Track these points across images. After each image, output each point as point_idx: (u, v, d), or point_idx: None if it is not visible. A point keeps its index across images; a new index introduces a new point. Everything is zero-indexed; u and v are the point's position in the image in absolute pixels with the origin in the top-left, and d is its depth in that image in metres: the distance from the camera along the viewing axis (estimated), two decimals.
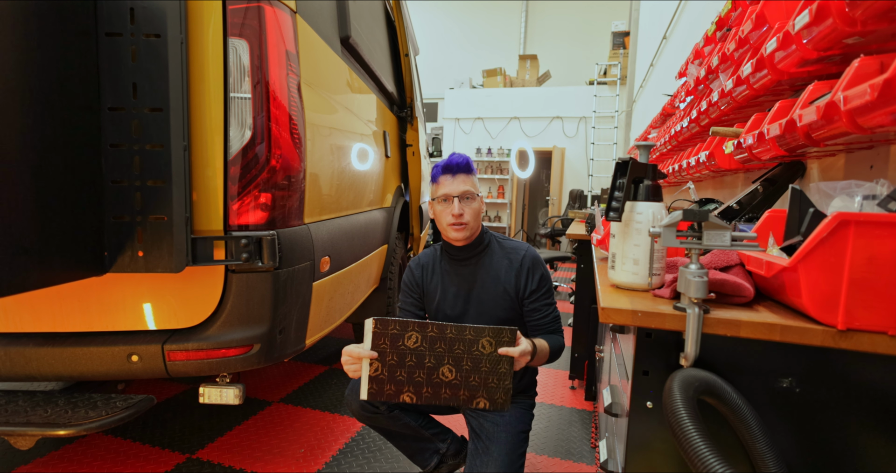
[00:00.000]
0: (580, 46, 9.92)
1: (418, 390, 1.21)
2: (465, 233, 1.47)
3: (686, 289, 0.77)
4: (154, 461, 1.84)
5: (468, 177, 1.48)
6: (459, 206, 1.45)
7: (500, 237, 1.59)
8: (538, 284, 1.50)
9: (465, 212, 1.46)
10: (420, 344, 1.21)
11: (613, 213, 0.97)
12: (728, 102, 1.48)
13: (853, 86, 0.75)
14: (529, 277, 1.50)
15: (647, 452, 0.86)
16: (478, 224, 1.52)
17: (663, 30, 4.76)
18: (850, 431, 0.74)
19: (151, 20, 1.18)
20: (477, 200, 1.49)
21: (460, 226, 1.46)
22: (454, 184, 1.46)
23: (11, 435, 1.26)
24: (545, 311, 1.51)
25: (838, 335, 0.70)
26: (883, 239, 0.66)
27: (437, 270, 1.58)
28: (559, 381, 2.77)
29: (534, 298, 1.50)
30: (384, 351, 1.20)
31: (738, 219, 1.29)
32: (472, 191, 1.47)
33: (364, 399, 1.20)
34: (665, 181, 2.65)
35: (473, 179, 1.50)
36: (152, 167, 1.21)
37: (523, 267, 1.50)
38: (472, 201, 1.47)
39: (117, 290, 1.35)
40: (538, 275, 1.50)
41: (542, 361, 1.45)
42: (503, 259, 1.52)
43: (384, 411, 1.49)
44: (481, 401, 1.21)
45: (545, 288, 1.52)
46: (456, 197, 1.45)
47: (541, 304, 1.51)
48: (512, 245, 1.56)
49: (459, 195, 1.45)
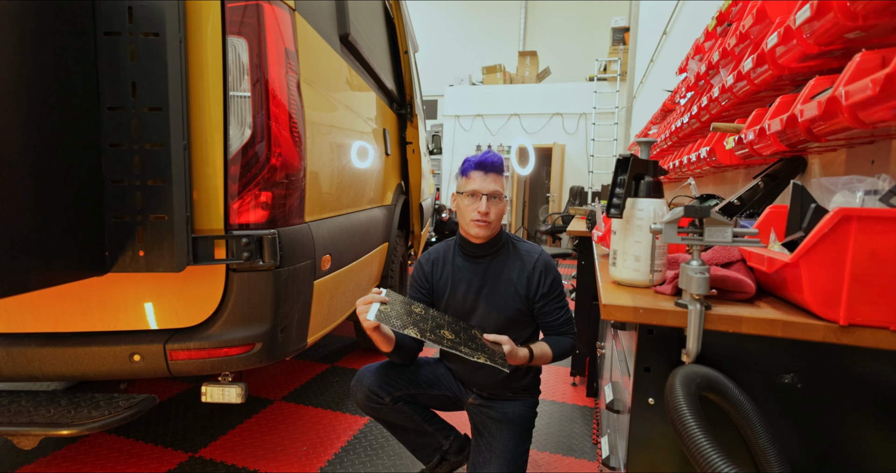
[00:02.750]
0: (580, 42, 9.90)
1: (422, 330, 1.25)
2: (486, 231, 1.47)
3: (688, 286, 0.77)
4: (157, 460, 1.84)
5: (499, 177, 1.49)
6: (487, 205, 1.45)
7: (515, 238, 1.60)
8: (549, 288, 1.50)
9: (492, 211, 1.46)
10: (425, 312, 1.36)
11: (615, 210, 0.97)
12: (729, 98, 1.48)
13: (855, 81, 0.75)
14: (542, 280, 1.50)
15: (649, 448, 0.86)
16: (499, 224, 1.52)
17: (663, 25, 4.74)
18: (852, 426, 0.74)
19: (150, 19, 1.18)
20: (504, 201, 1.50)
21: (484, 223, 1.46)
22: (485, 182, 1.46)
23: (15, 435, 1.26)
24: (556, 315, 1.52)
25: (840, 330, 0.70)
26: (885, 235, 0.65)
27: (448, 265, 1.58)
28: (560, 378, 2.78)
29: (544, 302, 1.50)
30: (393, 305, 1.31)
31: (739, 214, 1.29)
32: (501, 191, 1.48)
33: (372, 319, 1.23)
34: (665, 177, 2.64)
35: (503, 180, 1.51)
36: (152, 166, 1.21)
37: (535, 270, 1.50)
38: (499, 201, 1.48)
39: (118, 290, 1.35)
40: (550, 279, 1.51)
41: (543, 362, 1.47)
42: (517, 260, 1.53)
43: (389, 402, 1.50)
44: (481, 357, 1.24)
45: (557, 291, 1.52)
46: (485, 194, 1.45)
47: (552, 308, 1.51)
48: (526, 247, 1.56)
49: (489, 193, 1.45)
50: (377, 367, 1.55)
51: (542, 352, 1.45)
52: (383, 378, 1.51)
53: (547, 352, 1.46)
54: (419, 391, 1.55)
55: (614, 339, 1.41)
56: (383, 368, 1.55)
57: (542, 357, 1.45)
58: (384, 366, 1.56)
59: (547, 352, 1.46)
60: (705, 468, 0.63)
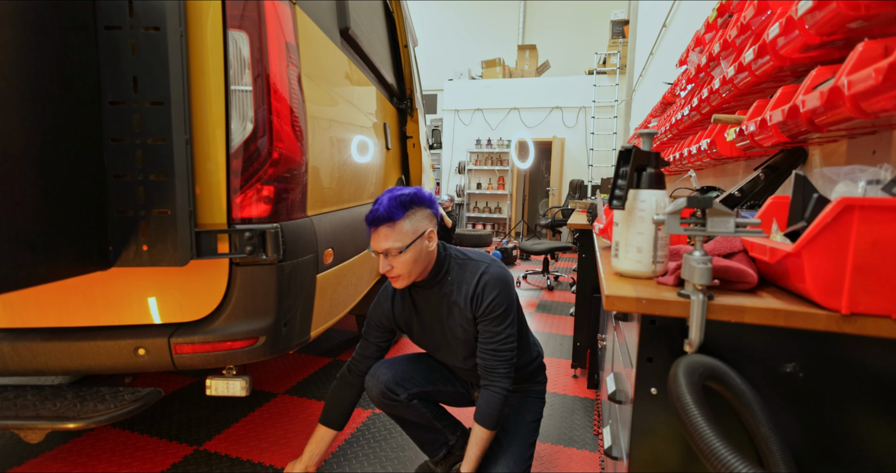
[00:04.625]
0: (579, 36, 9.85)
1: None
2: (401, 282, 1.39)
3: (690, 276, 0.78)
4: (162, 453, 1.86)
5: (390, 229, 1.34)
6: (385, 263, 1.35)
7: (461, 258, 1.48)
8: (485, 308, 1.38)
9: (395, 266, 1.36)
10: None
11: (617, 201, 0.97)
12: (729, 89, 1.47)
13: (857, 71, 0.75)
14: (478, 301, 1.39)
15: (652, 438, 0.87)
16: (419, 267, 1.39)
17: (663, 18, 4.72)
18: (854, 415, 0.75)
19: (150, 13, 1.18)
20: (408, 250, 1.35)
21: (395, 278, 1.39)
22: (376, 240, 1.36)
23: (21, 429, 1.27)
24: (485, 337, 1.39)
25: (842, 319, 0.71)
26: (887, 224, 0.66)
27: (406, 298, 1.53)
28: (561, 370, 2.79)
29: (480, 321, 1.40)
30: None
31: (740, 206, 1.30)
32: (395, 246, 1.33)
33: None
34: (666, 169, 2.64)
35: (402, 226, 1.34)
36: (155, 161, 1.21)
37: (475, 290, 1.40)
38: (400, 254, 1.34)
39: (122, 284, 1.35)
40: (489, 298, 1.38)
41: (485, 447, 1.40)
42: (462, 283, 1.43)
43: (404, 399, 1.50)
44: None
45: (494, 312, 1.38)
46: (381, 253, 1.36)
47: (483, 327, 1.40)
48: (472, 267, 1.44)
49: (382, 252, 1.35)
50: (392, 363, 1.56)
51: (479, 440, 1.36)
52: (400, 374, 1.52)
53: (483, 436, 1.37)
54: (434, 388, 1.57)
55: (616, 331, 1.42)
56: (399, 364, 1.56)
57: (482, 442, 1.37)
58: (399, 361, 1.57)
59: (483, 436, 1.37)
60: (709, 457, 0.63)
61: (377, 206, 1.34)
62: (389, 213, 1.33)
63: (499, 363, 1.38)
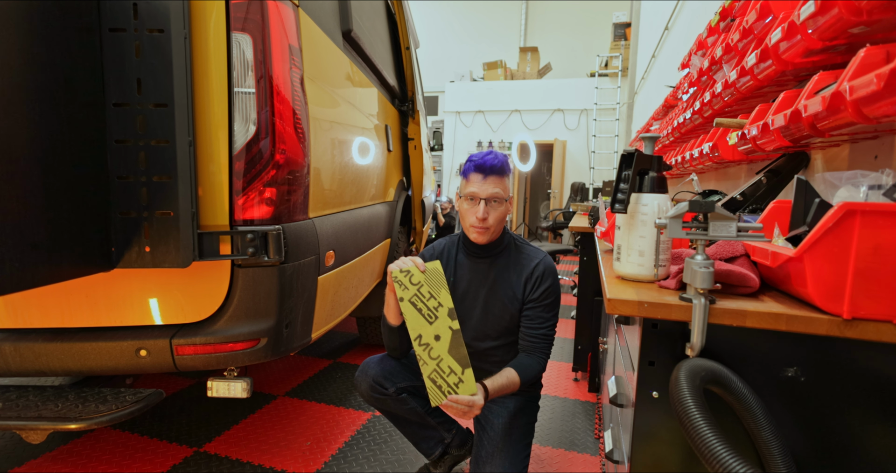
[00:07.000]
0: (581, 38, 9.87)
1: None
2: (485, 237, 1.44)
3: (692, 280, 0.78)
4: (162, 454, 1.86)
5: (500, 179, 1.42)
6: (485, 210, 1.40)
7: (519, 241, 1.56)
8: (541, 293, 1.46)
9: (490, 216, 1.41)
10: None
11: (619, 205, 0.97)
12: (732, 93, 1.48)
13: (859, 76, 0.75)
14: (536, 284, 1.46)
15: (653, 441, 0.87)
16: (501, 227, 1.48)
17: (665, 21, 4.73)
18: (855, 419, 0.75)
19: (155, 15, 1.18)
20: (504, 204, 1.44)
21: (482, 229, 1.43)
22: (483, 186, 1.41)
23: (23, 429, 1.27)
24: (536, 322, 1.46)
25: (843, 324, 0.71)
26: (889, 229, 0.66)
27: (451, 261, 1.56)
28: (563, 373, 2.79)
29: (531, 305, 1.47)
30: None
31: (742, 210, 1.30)
32: (501, 194, 1.42)
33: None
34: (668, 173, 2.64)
35: (506, 182, 1.44)
36: (158, 163, 1.21)
37: (533, 274, 1.47)
38: (499, 205, 1.43)
39: (124, 286, 1.35)
40: (545, 285, 1.47)
41: (510, 391, 1.41)
42: (517, 263, 1.50)
43: (392, 393, 1.51)
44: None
45: (548, 299, 1.47)
46: (483, 199, 1.41)
47: (535, 313, 1.47)
48: (529, 251, 1.53)
49: (487, 197, 1.41)
50: (381, 358, 1.56)
51: (510, 381, 1.38)
52: (388, 369, 1.53)
53: (514, 380, 1.39)
54: (422, 383, 1.56)
55: (617, 334, 1.42)
56: (388, 359, 1.56)
57: (510, 385, 1.38)
58: (388, 357, 1.57)
59: (514, 380, 1.39)
60: (711, 461, 0.63)
61: (487, 159, 1.41)
62: (503, 167, 1.42)
63: (546, 345, 1.48)
